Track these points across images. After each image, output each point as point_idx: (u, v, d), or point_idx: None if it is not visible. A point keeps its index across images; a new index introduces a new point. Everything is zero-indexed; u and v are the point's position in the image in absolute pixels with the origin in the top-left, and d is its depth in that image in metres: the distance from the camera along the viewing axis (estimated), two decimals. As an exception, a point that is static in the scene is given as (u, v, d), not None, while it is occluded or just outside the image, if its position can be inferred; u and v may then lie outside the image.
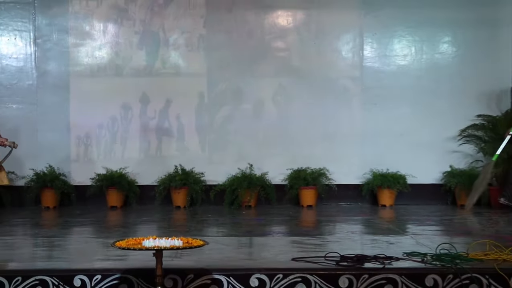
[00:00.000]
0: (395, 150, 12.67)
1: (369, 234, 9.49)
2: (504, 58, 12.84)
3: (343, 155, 12.75)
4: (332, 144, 12.78)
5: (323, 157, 12.63)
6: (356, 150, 12.79)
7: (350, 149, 12.77)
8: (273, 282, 6.33)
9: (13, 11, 13.01)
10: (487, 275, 6.28)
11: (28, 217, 11.19)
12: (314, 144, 12.71)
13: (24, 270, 6.52)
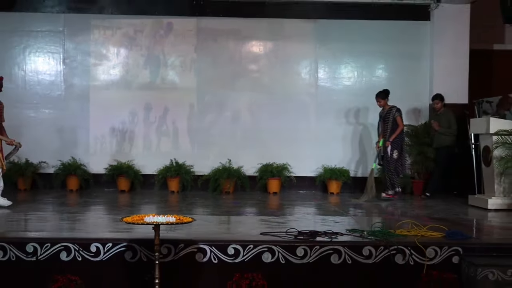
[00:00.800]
0: (341, 150, 12.75)
1: (320, 215, 9.48)
2: (423, 82, 12.99)
3: (301, 153, 12.75)
4: (293, 145, 12.76)
5: (286, 155, 12.62)
6: (311, 150, 12.80)
7: (306, 149, 12.79)
8: (246, 251, 6.31)
9: (47, 37, 12.97)
10: (409, 247, 6.34)
11: (56, 197, 11.09)
12: (279, 145, 12.71)
13: (52, 238, 6.47)
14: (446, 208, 10.03)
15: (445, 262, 6.34)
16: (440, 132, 11.61)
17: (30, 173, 12.33)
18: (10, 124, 12.39)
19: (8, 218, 8.56)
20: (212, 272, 6.29)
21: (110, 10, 12.95)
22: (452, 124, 11.62)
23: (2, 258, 6.27)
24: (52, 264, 6.21)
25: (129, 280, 6.26)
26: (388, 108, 11.34)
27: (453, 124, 11.62)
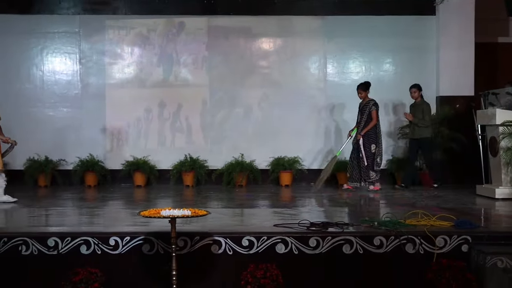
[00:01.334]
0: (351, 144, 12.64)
1: (332, 206, 9.47)
2: (430, 75, 12.88)
3: (311, 146, 12.75)
4: (303, 139, 12.76)
5: (297, 148, 12.61)
6: (321, 143, 12.80)
7: (317, 142, 12.79)
8: (259, 243, 6.32)
9: (64, 38, 12.98)
10: (419, 236, 6.34)
11: (75, 193, 11.13)
12: (290, 138, 12.69)
13: (72, 232, 6.51)
14: (454, 198, 9.99)
15: (454, 250, 6.33)
16: (414, 123, 11.47)
17: (50, 170, 12.38)
18: (29, 123, 12.59)
19: (29, 214, 8.64)
20: (227, 264, 6.30)
21: (124, 11, 12.96)
22: (425, 115, 11.46)
23: (25, 252, 6.31)
24: (72, 258, 6.25)
25: (147, 272, 6.28)
26: (367, 101, 11.29)
27: (426, 115, 11.46)
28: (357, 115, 11.47)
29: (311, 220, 6.98)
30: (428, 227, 6.58)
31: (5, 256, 6.31)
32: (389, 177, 12.65)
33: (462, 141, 12.12)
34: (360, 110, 11.38)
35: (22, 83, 12.92)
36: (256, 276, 5.96)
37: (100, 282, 6.03)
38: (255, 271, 6.01)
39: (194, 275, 6.23)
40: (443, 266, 6.01)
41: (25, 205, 9.43)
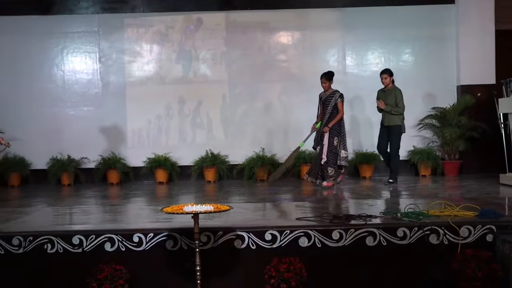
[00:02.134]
0: (371, 135, 12.60)
1: (354, 199, 9.42)
2: (450, 64, 12.84)
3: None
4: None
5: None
6: (342, 135, 12.75)
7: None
8: (282, 236, 6.31)
9: (84, 38, 13.08)
10: (442, 227, 6.27)
11: (98, 191, 11.19)
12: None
13: (96, 230, 6.53)
14: (477, 188, 9.94)
15: (479, 240, 6.27)
16: (386, 110, 10.79)
17: (73, 168, 12.47)
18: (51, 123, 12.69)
19: (54, 212, 8.68)
20: (250, 258, 6.29)
21: (142, 9, 13.01)
22: (399, 101, 10.77)
23: (50, 250, 6.35)
24: (97, 255, 6.27)
25: (171, 268, 6.29)
26: (331, 92, 10.54)
27: (399, 102, 10.78)
28: (318, 107, 10.74)
29: (333, 212, 6.98)
30: (452, 217, 6.53)
31: (31, 254, 6.35)
32: (412, 168, 12.61)
33: (484, 130, 12.08)
34: (323, 101, 10.60)
35: (44, 83, 13.03)
36: (280, 270, 5.95)
37: (124, 279, 6.06)
38: (279, 265, 6.00)
39: (217, 270, 6.23)
40: (467, 257, 5.95)
41: (49, 204, 9.52)
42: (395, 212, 6.90)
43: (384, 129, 10.94)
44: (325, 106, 10.52)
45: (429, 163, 12.33)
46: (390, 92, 10.86)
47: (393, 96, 10.77)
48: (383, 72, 11.04)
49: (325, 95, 10.54)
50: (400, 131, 10.77)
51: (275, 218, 7.61)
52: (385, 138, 10.93)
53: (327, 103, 10.48)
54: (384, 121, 10.93)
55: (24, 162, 12.62)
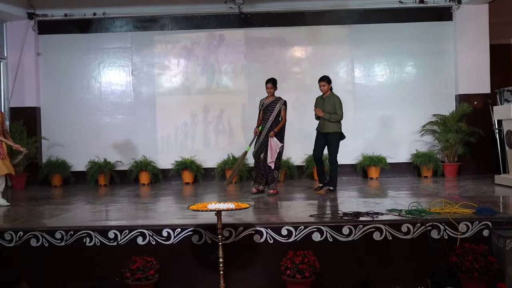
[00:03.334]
0: (378, 140, 12.60)
1: (362, 198, 9.38)
2: (449, 75, 12.72)
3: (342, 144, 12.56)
4: (334, 137, 12.69)
5: (328, 145, 12.55)
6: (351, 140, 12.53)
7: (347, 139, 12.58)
8: (297, 232, 6.31)
9: (118, 53, 13.15)
10: (443, 223, 6.28)
11: (131, 191, 11.22)
12: (322, 137, 12.65)
13: (130, 225, 6.59)
14: (474, 187, 9.86)
15: (476, 235, 6.27)
16: (325, 118, 9.63)
17: (108, 170, 12.53)
18: (90, 129, 12.80)
19: (92, 210, 8.73)
20: (268, 251, 6.31)
21: (170, 27, 13.05)
22: (337, 109, 9.66)
23: (88, 243, 6.41)
24: (130, 248, 6.33)
25: (197, 260, 6.32)
26: (274, 98, 9.70)
27: (338, 109, 9.66)
28: (259, 113, 9.81)
29: (343, 210, 6.96)
30: (451, 214, 6.52)
31: (72, 247, 6.43)
32: (414, 169, 12.56)
33: (481, 135, 12.03)
34: (265, 107, 9.67)
35: (83, 94, 13.12)
36: (295, 262, 5.97)
37: (155, 269, 6.11)
38: (294, 258, 6.02)
39: (238, 262, 6.24)
40: (466, 250, 5.96)
41: (88, 202, 9.55)
42: (400, 210, 6.87)
43: (321, 136, 9.81)
44: (267, 112, 9.59)
45: (430, 165, 12.27)
46: (329, 100, 9.75)
47: (332, 103, 9.69)
48: (321, 79, 9.87)
49: (268, 101, 9.69)
50: (338, 138, 9.72)
51: (291, 215, 7.58)
52: (321, 145, 9.82)
53: (270, 109, 9.57)
54: (321, 128, 9.80)
55: (66, 165, 12.70)
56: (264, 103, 9.75)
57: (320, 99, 9.94)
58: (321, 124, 9.78)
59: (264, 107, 9.68)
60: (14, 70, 12.75)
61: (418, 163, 12.38)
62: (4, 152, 9.06)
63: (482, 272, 5.78)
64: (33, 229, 6.54)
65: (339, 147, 9.78)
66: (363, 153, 12.52)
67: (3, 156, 9.00)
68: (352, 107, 12.84)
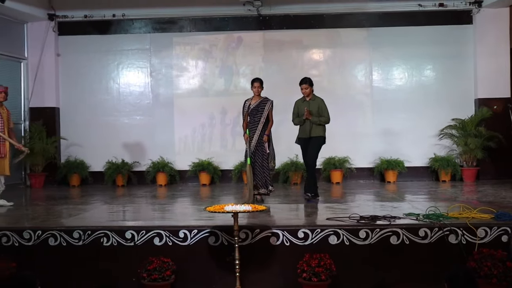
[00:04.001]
0: (396, 143, 12.54)
1: (379, 201, 9.35)
2: (468, 79, 12.67)
3: (360, 147, 12.63)
4: (352, 140, 12.65)
5: (346, 148, 12.52)
6: (368, 143, 12.67)
7: (364, 143, 12.66)
8: (314, 234, 6.30)
9: (137, 55, 13.25)
10: (461, 228, 6.24)
11: (148, 191, 11.28)
12: (340, 140, 12.50)
13: (147, 226, 6.62)
14: (493, 192, 9.78)
15: (494, 241, 6.22)
16: (313, 121, 8.96)
17: (126, 171, 12.61)
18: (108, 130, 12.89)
19: (109, 210, 8.78)
20: (284, 254, 6.30)
21: (188, 29, 13.10)
22: (323, 111, 9.06)
23: (106, 243, 6.44)
24: (147, 248, 6.35)
25: (213, 261, 6.33)
26: (261, 99, 8.95)
27: (325, 112, 9.07)
28: (245, 115, 9.00)
29: (360, 213, 6.94)
30: (470, 219, 6.47)
31: (89, 246, 6.47)
32: (433, 173, 12.49)
33: (500, 140, 11.94)
34: (252, 109, 8.88)
35: (102, 95, 13.21)
36: (311, 265, 5.95)
37: (171, 270, 6.12)
38: (310, 261, 6.00)
39: (255, 264, 6.24)
40: (484, 255, 5.91)
41: (105, 202, 9.62)
42: (417, 214, 6.84)
43: (305, 142, 9.08)
44: (256, 114, 8.83)
45: (448, 170, 12.21)
46: (313, 102, 9.11)
47: (317, 106, 9.06)
48: (303, 82, 9.19)
49: (255, 103, 8.90)
50: (322, 142, 9.11)
51: (307, 217, 7.56)
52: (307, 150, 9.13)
53: (259, 111, 8.83)
54: (306, 133, 9.04)
55: (84, 165, 12.80)
56: (251, 104, 8.92)
57: (303, 102, 9.18)
58: (306, 130, 9.00)
59: (250, 109, 8.87)
60: (34, 71, 12.88)
61: (436, 167, 12.31)
62: (4, 150, 8.92)
63: (500, 278, 5.73)
64: (51, 228, 6.59)
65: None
66: (380, 157, 12.48)
67: (3, 154, 8.88)
68: (370, 110, 12.85)
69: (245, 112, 8.94)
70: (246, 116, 8.90)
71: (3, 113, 8.88)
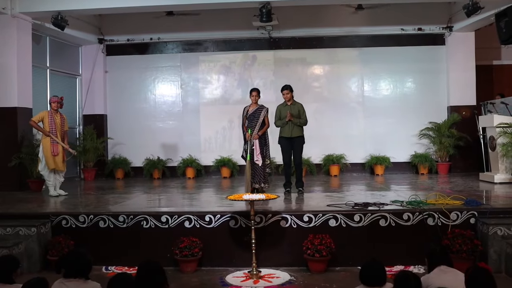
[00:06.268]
0: (383, 143, 12.46)
1: (370, 190, 9.31)
2: (442, 90, 12.56)
3: (353, 146, 12.56)
4: (347, 140, 12.58)
5: (342, 147, 12.46)
6: (360, 143, 12.60)
7: (357, 142, 12.60)
8: (316, 218, 6.32)
9: (169, 71, 13.21)
10: (437, 212, 6.27)
11: (179, 183, 11.28)
12: (337, 140, 12.54)
13: (178, 211, 6.65)
14: (463, 183, 9.73)
15: (464, 222, 6.24)
16: (295, 122, 8.56)
17: (161, 166, 12.60)
18: (146, 133, 12.94)
19: (148, 198, 8.81)
20: (292, 234, 6.33)
21: (212, 49, 13.09)
22: (302, 113, 8.67)
23: (145, 226, 6.48)
24: (179, 230, 6.40)
25: (233, 241, 6.35)
26: (258, 106, 8.59)
27: (302, 114, 8.68)
28: (244, 119, 8.66)
29: (355, 201, 6.92)
30: (444, 205, 6.46)
31: (131, 228, 6.51)
32: (413, 168, 12.42)
33: (468, 140, 11.88)
34: (250, 115, 8.54)
35: (141, 104, 13.22)
36: (314, 243, 5.96)
37: (199, 248, 6.15)
38: (313, 240, 6.01)
39: (267, 243, 6.26)
40: (456, 235, 5.91)
41: (145, 192, 9.63)
42: (402, 201, 6.82)
43: (288, 142, 8.65)
44: (252, 119, 8.49)
45: (426, 164, 12.13)
46: (294, 106, 8.71)
47: (297, 110, 8.66)
48: (285, 88, 8.80)
49: (252, 110, 8.58)
50: (303, 142, 8.76)
51: (311, 204, 7.54)
52: (291, 150, 8.70)
53: (256, 116, 8.48)
54: (288, 133, 8.61)
55: (127, 161, 12.83)
56: (249, 110, 8.61)
57: (284, 106, 8.78)
58: (288, 130, 8.59)
59: (248, 115, 8.56)
60: (86, 85, 12.93)
61: (416, 162, 12.23)
62: (57, 150, 8.78)
63: (469, 253, 5.76)
64: (101, 213, 6.65)
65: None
66: (370, 154, 12.42)
67: (56, 153, 8.77)
68: (362, 116, 12.78)
69: (244, 116, 8.65)
70: (245, 120, 8.60)
71: (57, 119, 8.85)
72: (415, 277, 3.60)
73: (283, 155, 8.76)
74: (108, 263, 6.37)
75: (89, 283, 4.01)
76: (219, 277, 5.91)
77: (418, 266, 5.95)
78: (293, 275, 5.90)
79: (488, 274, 3.42)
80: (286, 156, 8.73)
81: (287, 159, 8.75)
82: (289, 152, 8.69)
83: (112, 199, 8.48)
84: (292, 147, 8.66)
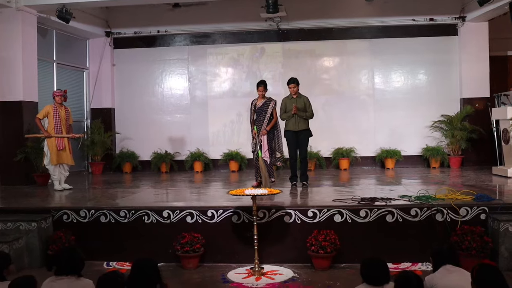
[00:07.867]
0: (394, 136, 12.30)
1: (379, 185, 9.15)
2: (454, 82, 12.34)
3: (364, 139, 12.42)
4: (357, 133, 12.44)
5: (352, 140, 12.32)
6: (371, 136, 12.45)
7: (367, 135, 12.45)
8: (321, 214, 6.19)
9: (177, 64, 13.12)
10: (446, 208, 6.09)
11: (187, 177, 11.21)
12: (347, 133, 12.40)
13: (180, 206, 6.57)
14: (475, 177, 9.52)
15: (474, 218, 6.05)
16: (300, 115, 8.42)
17: (169, 160, 12.54)
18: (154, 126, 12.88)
19: (154, 192, 8.74)
20: (296, 230, 6.20)
21: (220, 41, 12.97)
22: (308, 107, 8.52)
23: (147, 221, 6.38)
24: (180, 225, 6.31)
25: (236, 236, 6.24)
26: (266, 99, 8.50)
27: (309, 107, 8.52)
28: (252, 114, 8.61)
29: (362, 196, 6.79)
30: (454, 200, 6.30)
31: (133, 223, 6.43)
32: (424, 161, 12.24)
33: (481, 132, 11.67)
34: (258, 108, 8.48)
35: (149, 97, 13.16)
36: (319, 239, 5.84)
37: (200, 244, 6.06)
38: (318, 236, 5.90)
39: (271, 239, 6.15)
40: (465, 231, 5.75)
41: (151, 186, 9.57)
42: (410, 196, 6.66)
43: (294, 135, 8.51)
44: (261, 113, 8.44)
45: (438, 158, 11.95)
46: (299, 99, 8.54)
47: (303, 103, 8.49)
48: (291, 81, 8.59)
49: (261, 103, 8.49)
50: (310, 136, 8.65)
51: (316, 199, 7.40)
52: (297, 144, 8.58)
53: (264, 110, 8.42)
54: (294, 127, 8.48)
55: (134, 155, 12.78)
56: (256, 104, 8.52)
57: (290, 99, 8.59)
58: (294, 123, 8.45)
59: (256, 108, 8.48)
60: (94, 78, 12.88)
61: (427, 156, 12.06)
62: (62, 144, 8.73)
63: (479, 250, 5.59)
64: (102, 208, 6.58)
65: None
66: (381, 147, 12.25)
67: (61, 147, 8.71)
68: (372, 109, 12.60)
69: (252, 110, 8.58)
70: (253, 114, 8.52)
71: (61, 112, 8.79)
72: (416, 277, 3.44)
73: (289, 148, 8.64)
74: (109, 258, 6.30)
75: (81, 280, 3.92)
76: (221, 273, 5.80)
77: (426, 264, 5.79)
78: (296, 272, 5.78)
79: (496, 269, 3.25)
80: (292, 149, 8.60)
81: (293, 152, 8.62)
82: (295, 145, 8.56)
83: (117, 193, 8.42)
84: (298, 141, 8.53)
